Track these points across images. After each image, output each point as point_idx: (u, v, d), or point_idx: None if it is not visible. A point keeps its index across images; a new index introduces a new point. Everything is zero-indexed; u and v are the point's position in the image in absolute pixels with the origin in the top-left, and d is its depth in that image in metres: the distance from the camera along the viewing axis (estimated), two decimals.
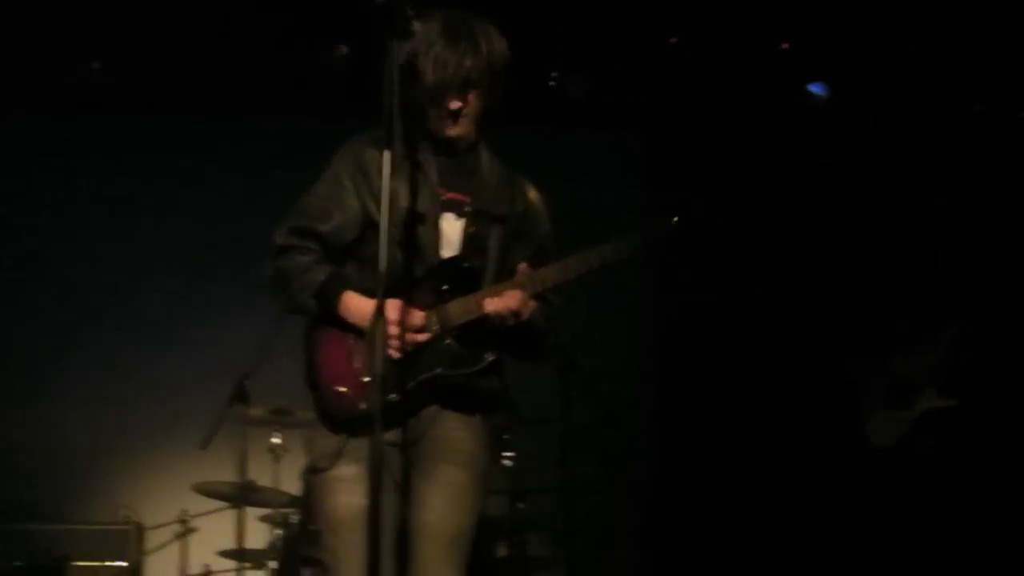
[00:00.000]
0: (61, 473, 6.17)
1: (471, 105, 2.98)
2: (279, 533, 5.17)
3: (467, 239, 3.00)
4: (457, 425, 2.99)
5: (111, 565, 5.58)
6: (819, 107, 6.16)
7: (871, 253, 5.51)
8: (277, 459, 5.35)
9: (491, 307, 2.89)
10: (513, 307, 2.88)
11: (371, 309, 2.62)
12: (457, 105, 2.95)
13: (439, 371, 2.92)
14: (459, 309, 2.93)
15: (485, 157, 3.11)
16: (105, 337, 6.43)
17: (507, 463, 5.17)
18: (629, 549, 6.56)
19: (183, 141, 6.60)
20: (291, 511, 5.12)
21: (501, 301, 2.89)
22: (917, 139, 5.83)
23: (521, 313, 2.90)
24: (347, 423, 2.91)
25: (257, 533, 5.37)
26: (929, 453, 4.39)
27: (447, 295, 2.95)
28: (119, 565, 5.60)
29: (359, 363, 2.92)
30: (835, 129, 5.94)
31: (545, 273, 2.95)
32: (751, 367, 6.13)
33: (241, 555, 5.30)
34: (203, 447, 4.95)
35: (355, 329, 2.92)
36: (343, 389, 2.92)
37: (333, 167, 3.05)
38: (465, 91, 2.95)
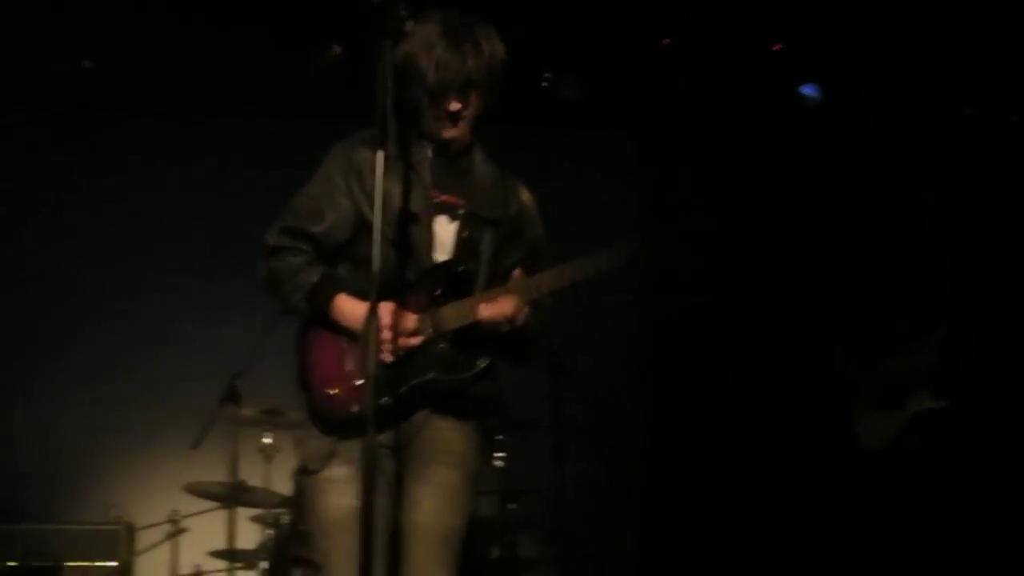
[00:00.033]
0: (52, 473, 6.15)
1: (470, 107, 2.96)
2: (270, 533, 5.16)
3: (460, 243, 2.99)
4: (449, 426, 2.98)
5: (101, 565, 5.57)
6: (811, 108, 6.17)
7: (863, 254, 5.51)
8: (268, 459, 5.35)
9: (485, 313, 2.88)
10: (507, 314, 2.87)
11: (363, 312, 2.61)
12: (457, 107, 2.92)
13: (432, 376, 2.90)
14: (453, 314, 2.91)
15: (479, 159, 3.09)
16: (96, 337, 6.41)
17: (499, 464, 5.17)
18: (621, 550, 6.56)
19: (179, 141, 6.58)
20: (282, 511, 5.11)
21: (495, 307, 2.88)
22: (908, 140, 5.84)
23: (515, 320, 2.89)
24: (338, 426, 2.89)
25: (248, 533, 5.36)
26: (921, 454, 4.39)
27: (440, 299, 2.93)
28: (109, 565, 5.59)
29: (351, 366, 2.90)
30: (827, 130, 5.95)
31: (540, 280, 2.94)
32: (745, 367, 6.13)
33: (232, 555, 5.30)
34: (194, 447, 4.95)
35: (347, 331, 2.90)
36: (335, 391, 2.90)
37: (326, 167, 3.02)
38: (466, 93, 2.92)
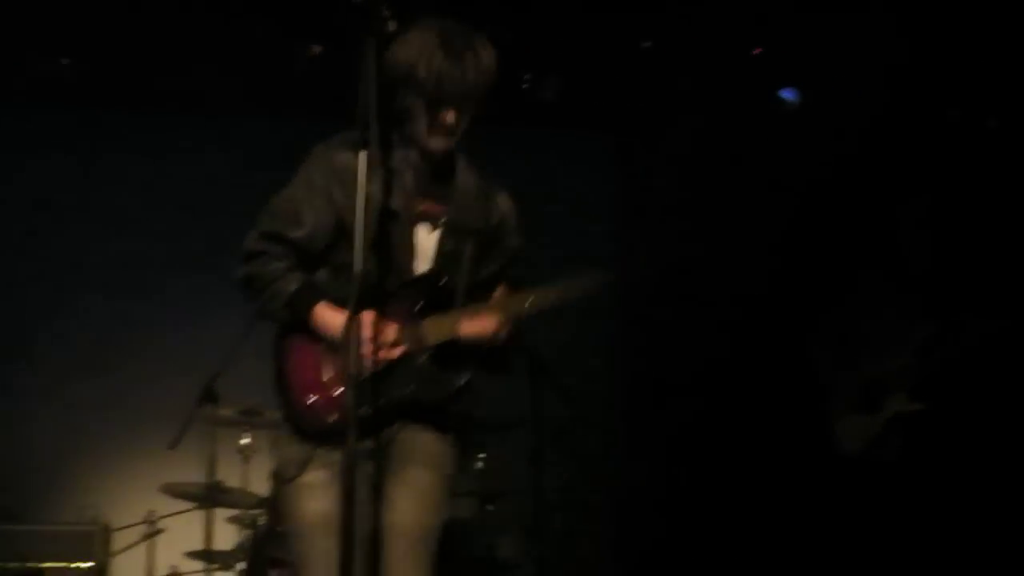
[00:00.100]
0: (27, 473, 6.12)
1: (464, 119, 2.92)
2: (247, 534, 5.14)
3: (442, 254, 2.97)
4: (425, 430, 2.98)
5: (77, 566, 5.55)
6: (791, 112, 6.18)
7: (842, 256, 5.53)
8: (246, 460, 5.34)
9: (468, 330, 2.88)
10: (489, 331, 2.88)
11: (342, 323, 2.58)
12: (453, 118, 2.88)
13: (412, 390, 2.88)
14: (434, 329, 2.90)
15: (460, 165, 3.06)
16: (72, 337, 6.38)
17: (478, 465, 5.17)
18: (599, 551, 6.57)
19: (158, 139, 6.56)
20: (259, 512, 5.09)
21: (477, 324, 2.88)
22: (889, 144, 5.86)
23: (496, 338, 2.90)
24: (316, 434, 2.88)
25: (225, 534, 5.34)
26: (898, 456, 4.40)
27: (421, 312, 2.91)
28: (85, 566, 5.57)
29: (330, 374, 2.88)
30: (807, 134, 5.96)
31: (524, 299, 2.93)
32: (723, 369, 6.14)
33: (209, 556, 5.28)
34: (172, 447, 4.92)
35: (326, 339, 2.87)
36: (312, 399, 2.88)
37: (306, 169, 2.97)
38: (464, 105, 2.89)
